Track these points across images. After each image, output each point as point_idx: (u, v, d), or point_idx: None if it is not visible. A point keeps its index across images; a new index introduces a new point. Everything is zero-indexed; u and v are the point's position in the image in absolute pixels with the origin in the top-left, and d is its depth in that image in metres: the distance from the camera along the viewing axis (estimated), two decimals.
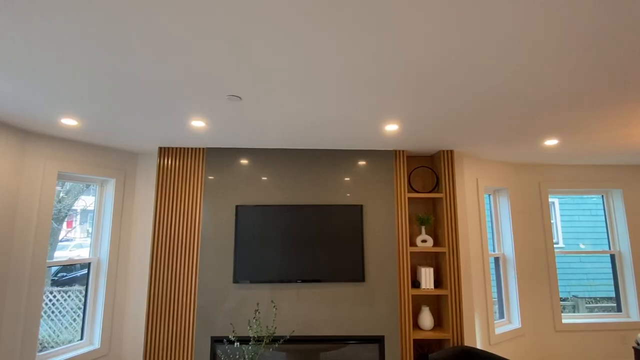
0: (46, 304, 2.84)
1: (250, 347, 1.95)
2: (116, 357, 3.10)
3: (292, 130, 2.51)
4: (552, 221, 3.99)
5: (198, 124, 2.33)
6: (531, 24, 1.19)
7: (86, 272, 3.04)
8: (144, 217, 3.32)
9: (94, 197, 3.15)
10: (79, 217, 3.16)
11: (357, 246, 2.93)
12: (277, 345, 2.27)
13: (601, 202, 4.27)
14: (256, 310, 2.30)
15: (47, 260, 2.77)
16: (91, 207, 3.13)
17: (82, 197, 3.18)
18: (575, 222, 5.52)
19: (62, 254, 3.03)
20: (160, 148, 3.07)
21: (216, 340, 2.84)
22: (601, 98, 1.88)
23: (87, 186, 3.18)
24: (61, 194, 3.04)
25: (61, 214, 3.02)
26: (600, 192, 4.18)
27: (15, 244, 2.47)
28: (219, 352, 2.74)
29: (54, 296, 2.90)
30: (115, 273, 3.13)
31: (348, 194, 3.05)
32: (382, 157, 3.11)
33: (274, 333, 2.08)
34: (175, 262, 2.95)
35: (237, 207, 2.96)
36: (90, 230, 3.10)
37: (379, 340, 2.89)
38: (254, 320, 2.78)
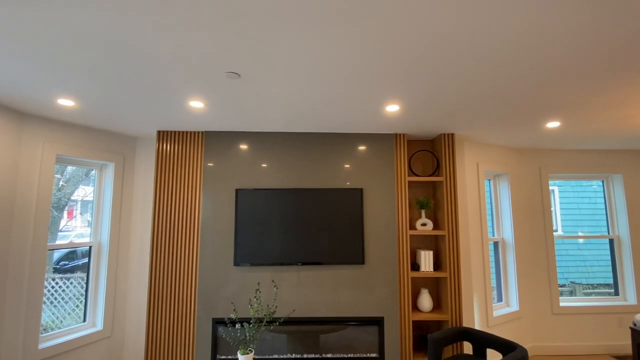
0: (48, 290, 2.85)
1: (251, 326, 1.97)
2: (119, 339, 3.14)
3: (292, 112, 2.49)
4: (551, 209, 3.99)
5: (197, 104, 2.30)
6: None
7: (87, 260, 3.06)
8: (143, 201, 3.32)
9: (93, 188, 3.14)
10: (79, 206, 3.15)
11: (357, 229, 2.94)
12: (277, 324, 2.30)
13: (601, 191, 4.27)
14: (257, 290, 2.32)
15: (48, 244, 2.78)
16: (91, 198, 3.13)
17: (82, 187, 3.16)
18: (574, 209, 5.53)
19: (63, 245, 3.03)
20: (159, 132, 3.04)
21: (218, 322, 2.87)
22: (602, 75, 1.85)
23: (87, 175, 3.17)
24: (61, 183, 3.02)
25: (61, 202, 3.01)
26: (601, 177, 4.17)
27: (15, 227, 2.48)
28: (220, 330, 2.78)
29: (56, 283, 2.92)
30: (116, 256, 3.14)
31: (348, 178, 3.05)
32: (383, 141, 3.09)
33: (274, 312, 2.10)
34: (175, 245, 2.96)
35: (237, 190, 2.96)
36: (90, 220, 3.10)
37: (378, 322, 2.92)
38: (255, 300, 2.80)
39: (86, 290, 3.04)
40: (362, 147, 3.08)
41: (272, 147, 3.06)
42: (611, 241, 4.12)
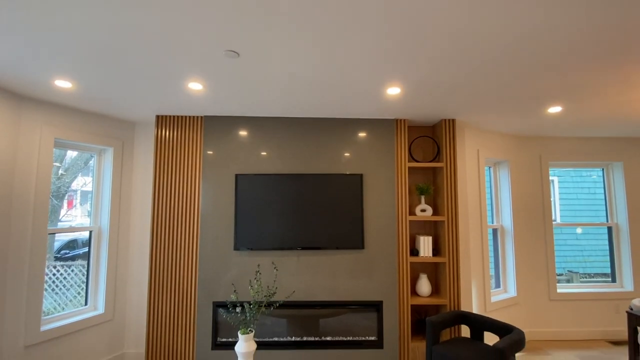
0: (50, 277, 2.86)
1: (251, 307, 1.99)
2: (120, 323, 3.17)
3: (292, 94, 2.46)
4: (550, 199, 3.99)
5: (195, 86, 2.28)
6: None
7: (88, 248, 3.07)
8: (143, 186, 3.32)
9: (92, 178, 3.12)
10: (79, 196, 3.14)
11: (357, 214, 2.94)
12: (277, 305, 2.32)
13: (600, 181, 4.26)
14: (257, 272, 2.34)
15: (48, 228, 2.79)
16: (90, 188, 3.11)
17: (82, 177, 3.15)
18: (574, 200, 5.54)
19: (63, 235, 3.04)
20: (157, 116, 3.02)
21: (218, 305, 2.89)
22: (604, 57, 1.83)
23: (86, 164, 3.15)
24: (60, 172, 3.01)
25: (60, 191, 3.00)
26: (601, 164, 4.17)
27: (14, 210, 2.47)
28: (221, 311, 2.80)
29: (57, 270, 2.93)
30: (117, 241, 3.15)
31: (348, 164, 3.04)
32: (383, 127, 3.07)
33: (274, 293, 2.11)
34: (176, 230, 2.96)
35: (236, 176, 2.95)
36: (90, 210, 3.10)
37: (377, 306, 2.95)
38: (255, 281, 2.82)
39: (87, 275, 3.05)
40: (362, 133, 3.06)
41: (272, 132, 3.04)
42: (609, 229, 4.14)
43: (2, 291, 2.39)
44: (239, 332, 1.92)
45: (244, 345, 1.91)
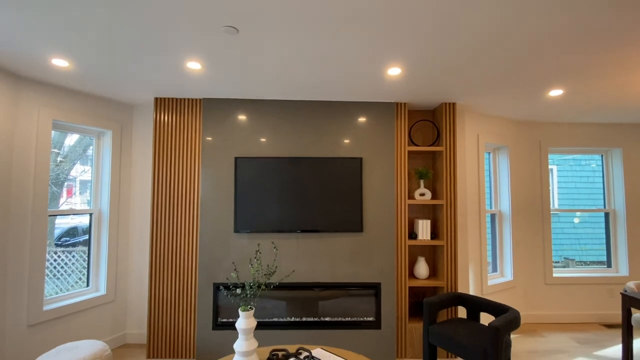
0: (51, 263, 2.88)
1: (252, 284, 2.01)
2: (122, 304, 3.21)
3: (290, 72, 2.44)
4: (549, 186, 4.01)
5: (194, 65, 2.26)
6: None
7: (88, 232, 3.08)
8: (142, 169, 3.32)
9: (91, 167, 3.12)
10: (78, 184, 3.13)
11: (356, 198, 2.96)
12: (277, 284, 2.35)
13: (599, 170, 4.27)
14: (257, 251, 2.36)
15: (48, 209, 2.80)
16: (89, 177, 3.11)
17: (81, 165, 3.14)
18: (572, 189, 5.57)
19: (63, 221, 3.05)
20: (156, 99, 3.00)
21: (219, 287, 2.93)
22: (603, 38, 1.81)
23: (84, 151, 3.14)
24: (59, 159, 3.00)
25: (60, 178, 3.00)
26: (600, 151, 4.17)
27: (14, 191, 2.48)
28: (221, 288, 2.84)
29: (59, 256, 2.95)
30: (117, 224, 3.17)
31: (348, 147, 3.03)
32: (383, 110, 3.06)
33: (274, 272, 2.14)
34: (176, 214, 2.98)
35: (236, 159, 2.95)
36: (90, 200, 3.10)
37: (375, 288, 2.99)
38: (256, 260, 2.86)
39: (88, 257, 3.08)
40: (362, 116, 3.05)
41: (271, 115, 3.03)
42: (606, 215, 4.17)
43: (3, 271, 2.42)
44: (239, 309, 1.95)
45: (245, 321, 1.94)
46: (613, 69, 2.29)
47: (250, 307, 2.00)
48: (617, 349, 3.20)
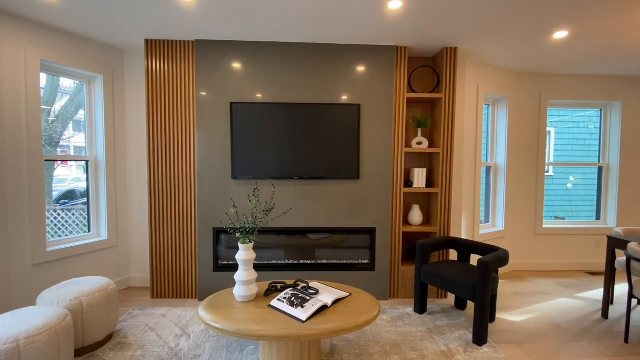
0: (51, 221, 2.90)
1: (250, 220, 2.06)
2: (124, 249, 3.30)
3: (288, 6, 2.34)
4: (546, 138, 4.01)
5: None
6: None
7: (86, 179, 3.08)
8: (137, 115, 3.27)
9: (84, 112, 3.05)
10: (72, 151, 3.07)
11: (354, 145, 2.96)
12: (274, 219, 2.40)
13: (597, 129, 4.24)
14: (255, 189, 2.40)
15: (44, 154, 2.78)
16: (83, 144, 3.05)
17: (74, 132, 3.06)
18: (569, 151, 5.60)
19: (60, 186, 3.03)
20: (146, 41, 2.89)
21: (218, 232, 3.00)
22: None
23: (77, 110, 3.05)
24: (50, 119, 2.92)
25: (53, 139, 2.94)
26: (600, 105, 4.14)
27: (7, 135, 2.45)
28: (221, 234, 2.91)
29: (58, 214, 2.97)
30: (114, 170, 3.17)
31: (346, 93, 2.98)
32: (383, 55, 2.97)
33: (272, 208, 2.18)
34: (172, 161, 2.98)
35: (231, 104, 2.90)
36: (85, 145, 3.06)
37: (370, 232, 3.07)
38: (254, 197, 2.91)
39: (88, 204, 3.11)
40: (361, 62, 2.97)
41: (268, 60, 2.94)
42: (600, 170, 4.22)
43: (4, 215, 2.44)
44: (239, 243, 2.01)
45: (244, 253, 2.01)
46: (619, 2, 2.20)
47: (249, 240, 2.06)
48: (598, 292, 3.38)
